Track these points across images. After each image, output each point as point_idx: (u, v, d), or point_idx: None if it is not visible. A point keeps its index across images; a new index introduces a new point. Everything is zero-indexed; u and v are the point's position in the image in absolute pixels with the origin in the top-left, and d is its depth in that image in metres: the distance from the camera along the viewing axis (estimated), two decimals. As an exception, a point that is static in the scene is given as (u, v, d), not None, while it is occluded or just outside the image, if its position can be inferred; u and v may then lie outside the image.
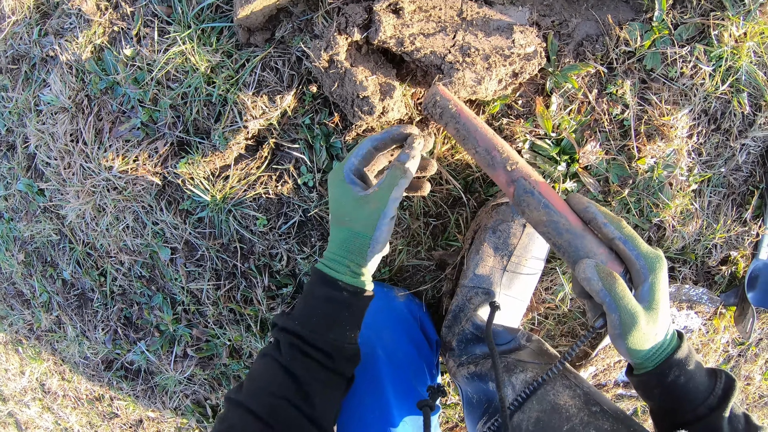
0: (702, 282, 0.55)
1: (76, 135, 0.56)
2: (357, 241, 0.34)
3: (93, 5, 0.54)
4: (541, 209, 0.30)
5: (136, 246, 0.56)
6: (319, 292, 0.33)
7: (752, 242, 0.53)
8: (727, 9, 0.43)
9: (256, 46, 0.45)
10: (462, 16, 0.40)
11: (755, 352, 0.65)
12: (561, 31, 0.44)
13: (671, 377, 0.30)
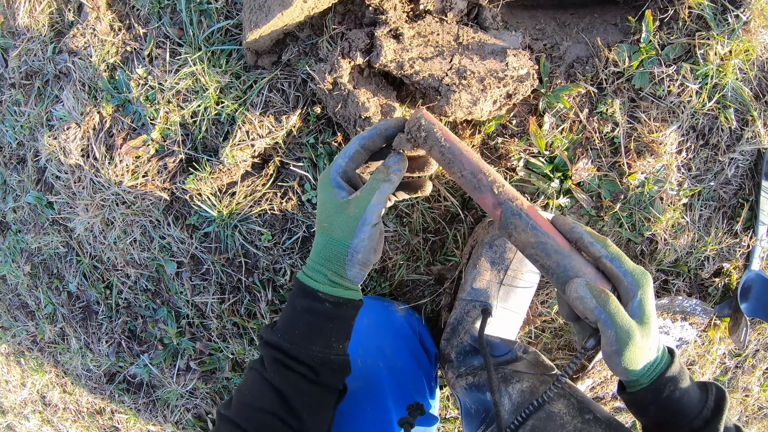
0: (696, 294, 0.56)
1: (87, 150, 0.58)
2: (334, 248, 0.32)
3: (107, 26, 0.57)
4: (529, 231, 0.30)
5: (142, 259, 0.57)
6: (299, 304, 0.32)
7: (744, 254, 0.55)
8: (711, 29, 0.45)
9: (263, 68, 0.47)
10: (458, 41, 0.43)
11: (752, 364, 0.66)
12: (553, 54, 0.46)
13: (666, 392, 0.30)
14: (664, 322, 0.54)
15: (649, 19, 0.45)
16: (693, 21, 0.45)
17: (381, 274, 0.51)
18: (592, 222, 0.50)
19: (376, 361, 0.41)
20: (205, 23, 0.49)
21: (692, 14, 0.45)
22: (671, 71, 0.46)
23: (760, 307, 0.55)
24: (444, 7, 0.42)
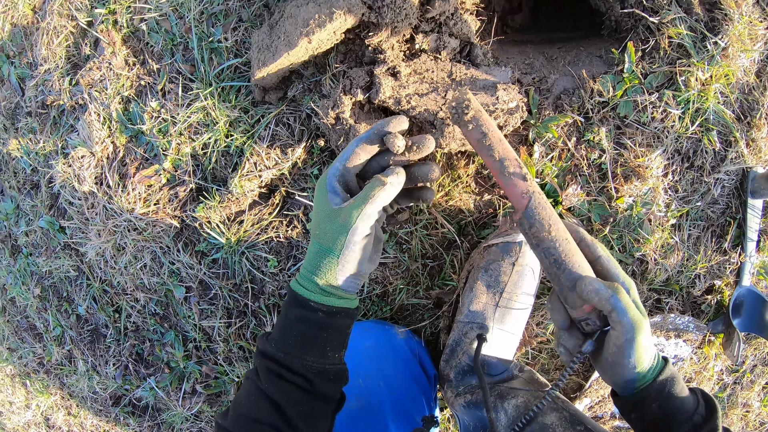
0: (689, 311, 0.58)
1: (100, 177, 0.61)
2: (325, 258, 0.31)
3: (122, 60, 0.61)
4: (551, 224, 0.31)
5: (152, 284, 0.59)
6: (292, 313, 0.31)
7: (734, 270, 0.57)
8: (692, 56, 0.48)
9: (270, 103, 0.50)
10: (452, 77, 0.46)
11: (751, 379, 0.66)
12: (541, 87, 0.49)
13: (668, 388, 0.30)
14: (658, 339, 0.55)
15: (631, 50, 0.49)
16: (674, 50, 0.49)
17: (382, 298, 0.53)
18: None
19: (376, 381, 0.42)
20: (215, 60, 0.52)
21: (672, 43, 0.48)
22: (654, 98, 0.49)
23: (752, 322, 0.57)
24: (438, 46, 0.46)
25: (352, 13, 0.41)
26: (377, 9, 0.41)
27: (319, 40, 0.43)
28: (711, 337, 0.60)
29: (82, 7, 0.62)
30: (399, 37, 0.45)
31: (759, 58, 0.52)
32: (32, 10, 0.72)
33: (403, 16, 0.42)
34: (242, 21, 0.51)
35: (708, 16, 0.49)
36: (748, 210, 0.54)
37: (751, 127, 0.53)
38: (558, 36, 0.58)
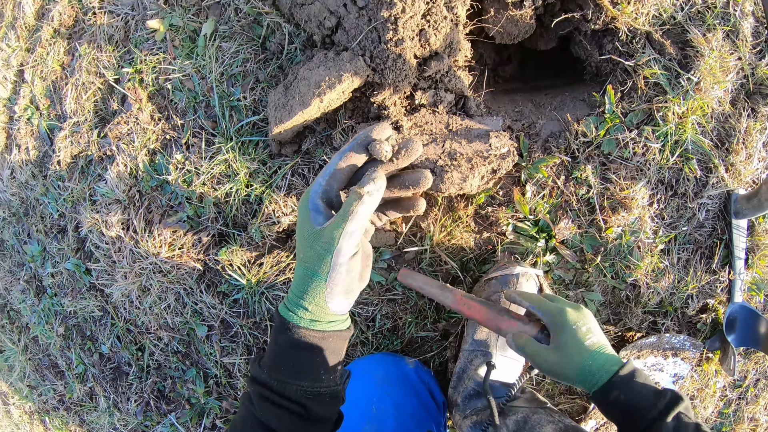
0: (685, 331, 0.61)
1: (127, 223, 0.65)
2: (312, 281, 0.30)
3: (148, 116, 0.67)
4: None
5: (175, 323, 0.62)
6: (282, 340, 0.30)
7: (725, 288, 0.60)
8: (668, 93, 0.54)
9: (286, 156, 0.56)
10: (449, 128, 0.51)
11: (755, 393, 0.68)
12: (530, 132, 0.55)
13: (631, 379, 0.34)
14: (656, 359, 0.58)
15: (610, 92, 0.54)
16: (650, 88, 0.54)
17: (392, 332, 0.57)
18: (578, 274, 0.56)
19: (387, 408, 0.45)
20: (235, 117, 0.58)
21: (649, 82, 0.54)
22: (634, 135, 0.54)
23: (747, 336, 0.60)
24: (435, 100, 0.52)
25: (359, 75, 0.47)
26: (380, 71, 0.47)
27: (330, 99, 0.49)
28: (709, 354, 0.63)
29: (110, 65, 0.69)
30: (400, 95, 0.51)
31: (732, 87, 0.57)
32: (61, 66, 0.79)
33: (403, 76, 0.48)
34: (259, 81, 0.58)
35: (681, 54, 0.55)
36: (734, 230, 0.58)
37: (729, 153, 0.58)
38: (545, 83, 0.65)
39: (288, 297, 0.32)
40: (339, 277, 0.30)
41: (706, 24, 0.56)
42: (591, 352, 0.36)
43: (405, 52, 0.46)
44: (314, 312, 0.30)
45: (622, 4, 0.52)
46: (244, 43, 0.58)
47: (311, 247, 0.30)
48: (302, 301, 0.30)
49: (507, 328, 0.41)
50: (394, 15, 0.44)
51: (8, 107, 0.88)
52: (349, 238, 0.29)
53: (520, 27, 0.55)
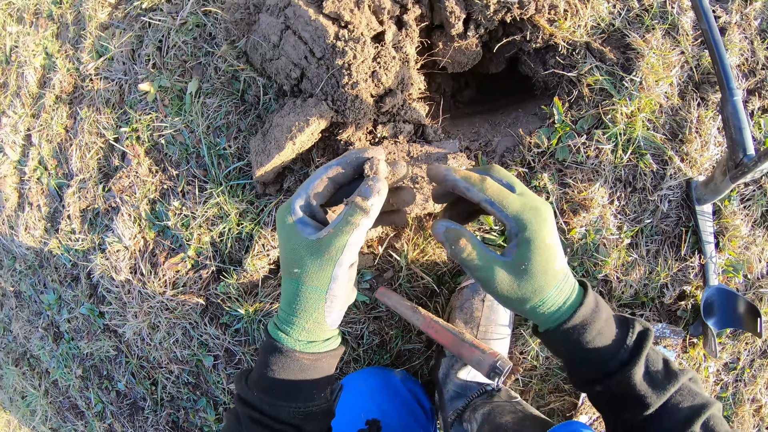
0: (666, 320, 0.66)
1: (135, 267, 0.76)
2: (311, 297, 0.30)
3: (146, 169, 0.78)
4: None
5: (184, 356, 0.72)
6: (274, 362, 0.31)
7: (699, 274, 0.66)
8: (614, 96, 0.62)
9: (270, 195, 0.66)
10: (410, 155, 0.60)
11: (752, 374, 0.72)
12: (487, 149, 0.64)
13: (575, 336, 0.30)
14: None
15: (557, 104, 0.63)
16: (596, 94, 0.62)
17: (381, 347, 0.64)
18: None
19: (377, 418, 0.51)
20: (223, 164, 0.69)
21: (594, 89, 0.62)
22: (584, 139, 0.62)
23: (727, 318, 0.64)
24: (395, 132, 0.61)
25: (324, 118, 0.57)
26: (342, 111, 0.57)
27: (301, 141, 0.58)
28: (693, 340, 0.68)
29: (109, 126, 0.81)
30: (363, 130, 0.60)
31: (679, 81, 0.65)
32: (65, 129, 0.92)
33: (362, 114, 0.57)
34: (241, 131, 0.68)
35: (623, 58, 0.63)
36: (699, 216, 0.65)
37: (683, 143, 0.64)
38: (501, 103, 0.74)
39: (278, 316, 0.32)
40: (340, 288, 0.30)
41: (645, 25, 0.64)
42: (558, 281, 0.30)
43: (361, 92, 0.56)
44: (311, 330, 0.31)
45: (559, 21, 0.60)
46: (225, 97, 0.69)
47: (310, 261, 0.30)
48: (297, 319, 0.31)
49: (468, 356, 0.46)
50: (347, 62, 0.54)
51: (19, 169, 1.02)
52: (352, 248, 0.30)
53: (468, 55, 0.64)
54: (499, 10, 0.58)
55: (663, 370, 0.32)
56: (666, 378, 0.31)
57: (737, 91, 0.54)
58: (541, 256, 0.30)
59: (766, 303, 0.68)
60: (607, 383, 0.31)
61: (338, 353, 0.34)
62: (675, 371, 0.32)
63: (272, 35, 0.59)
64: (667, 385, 0.31)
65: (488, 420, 0.45)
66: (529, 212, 0.30)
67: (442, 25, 0.62)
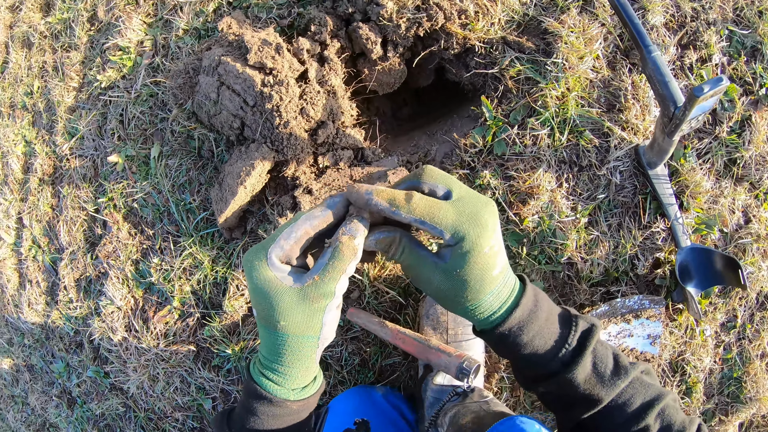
0: (646, 291, 0.71)
1: (129, 325, 0.88)
2: (303, 346, 0.30)
3: (126, 233, 0.91)
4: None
5: (185, 403, 0.82)
6: (263, 411, 0.32)
7: (666, 238, 0.70)
8: (540, 82, 0.68)
9: (237, 238, 0.76)
10: (353, 179, 0.69)
11: (754, 329, 0.75)
12: (427, 159, 0.72)
13: (511, 338, 0.31)
14: (619, 327, 0.68)
15: (485, 102, 0.70)
16: (523, 84, 0.69)
17: (363, 366, 0.72)
18: (514, 268, 0.69)
19: (364, 418, 0.56)
20: (191, 217, 0.80)
21: (519, 80, 0.69)
22: (517, 130, 0.68)
23: (708, 277, 0.67)
24: (336, 160, 0.70)
25: (266, 159, 0.67)
26: (282, 150, 0.67)
27: (252, 184, 0.69)
28: (679, 306, 0.71)
29: (88, 199, 0.95)
30: (305, 164, 0.70)
31: (605, 52, 0.71)
32: (51, 208, 1.07)
33: (299, 149, 0.67)
34: (202, 184, 0.80)
35: (543, 43, 0.70)
36: (654, 180, 0.69)
37: (622, 111, 0.70)
38: (439, 113, 0.82)
39: (261, 362, 0.33)
40: (330, 332, 0.32)
41: (559, 7, 0.71)
42: (495, 286, 0.31)
43: (294, 129, 0.65)
44: (304, 376, 0.32)
45: (471, 23, 0.69)
46: (184, 156, 0.81)
47: (299, 310, 0.30)
48: (288, 369, 0.31)
49: (435, 361, 0.52)
50: (275, 105, 0.64)
51: (15, 250, 1.18)
52: (341, 290, 0.30)
53: (393, 75, 0.73)
54: (410, 26, 0.68)
55: (612, 366, 0.33)
56: (615, 374, 0.32)
57: (653, 47, 0.57)
58: (478, 265, 0.30)
59: (750, 254, 0.72)
60: (549, 384, 0.33)
61: (323, 388, 0.36)
62: (625, 366, 0.33)
63: (211, 93, 0.70)
64: (617, 381, 0.32)
65: (452, 422, 0.49)
66: (466, 222, 0.29)
67: (364, 52, 0.71)
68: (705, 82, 0.50)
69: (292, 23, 0.74)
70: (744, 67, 0.72)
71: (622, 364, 0.34)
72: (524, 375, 0.35)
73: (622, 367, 0.33)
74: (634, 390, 0.33)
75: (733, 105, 0.71)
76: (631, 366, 0.34)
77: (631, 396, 0.33)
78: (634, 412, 0.33)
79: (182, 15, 0.82)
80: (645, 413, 0.33)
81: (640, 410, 0.33)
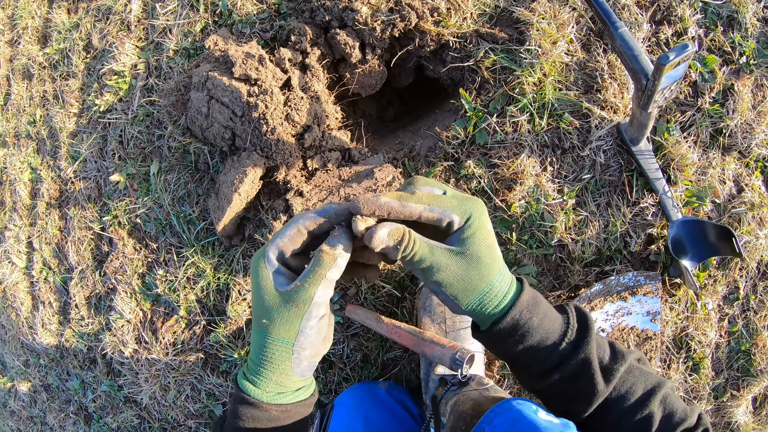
0: (641, 268, 0.75)
1: (139, 338, 0.96)
2: (277, 349, 0.32)
3: (131, 248, 1.00)
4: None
5: (196, 410, 0.89)
6: (244, 413, 0.33)
7: (656, 213, 0.74)
8: (516, 70, 0.74)
9: (236, 245, 0.84)
10: (341, 179, 0.76)
11: (758, 299, 0.78)
12: (412, 155, 0.78)
13: (523, 322, 0.33)
14: (615, 305, 0.72)
15: (464, 94, 0.76)
16: (499, 73, 0.75)
17: (365, 362, 0.78)
18: (504, 256, 0.74)
19: (358, 428, 0.59)
20: (192, 228, 0.89)
21: (495, 70, 0.75)
22: (496, 119, 0.74)
23: (702, 249, 0.69)
24: (324, 162, 0.77)
25: (258, 165, 0.74)
26: (271, 156, 0.74)
27: (246, 191, 0.76)
28: (676, 281, 0.75)
29: (94, 218, 1.05)
30: (295, 168, 0.77)
31: (578, 36, 0.76)
32: (59, 230, 1.18)
33: (288, 154, 0.74)
34: (200, 195, 0.88)
35: (516, 32, 0.76)
36: (639, 156, 0.74)
37: (600, 91, 0.75)
38: (423, 110, 0.89)
39: (248, 367, 0.35)
40: (307, 341, 0.33)
41: None
42: (501, 266, 0.34)
43: (281, 135, 0.73)
44: (279, 381, 0.34)
45: (444, 20, 0.76)
46: (182, 170, 0.89)
47: (277, 313, 0.33)
48: (264, 370, 0.33)
49: (430, 353, 0.57)
50: (261, 113, 0.71)
51: (27, 274, 1.29)
52: (321, 301, 0.33)
53: (374, 77, 0.81)
54: (385, 28, 0.75)
55: (610, 352, 0.35)
56: (613, 359, 0.35)
57: (620, 23, 0.61)
58: (487, 241, 0.33)
59: (746, 222, 0.75)
60: (560, 371, 0.34)
61: (310, 402, 0.37)
62: (622, 351, 0.36)
63: (202, 107, 0.79)
64: (616, 366, 0.35)
65: (453, 410, 0.53)
66: (468, 205, 0.33)
67: (344, 57, 0.79)
68: (670, 49, 0.53)
69: (275, 35, 0.83)
70: (722, 38, 0.77)
71: (619, 350, 0.36)
72: (530, 371, 0.36)
73: (619, 353, 0.36)
74: (634, 378, 0.35)
75: (714, 76, 0.76)
76: (627, 352, 0.36)
77: (632, 385, 0.35)
78: (637, 401, 0.35)
79: (171, 36, 0.91)
80: (648, 400, 0.35)
81: (642, 398, 0.35)
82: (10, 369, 1.32)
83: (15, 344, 1.30)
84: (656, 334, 0.74)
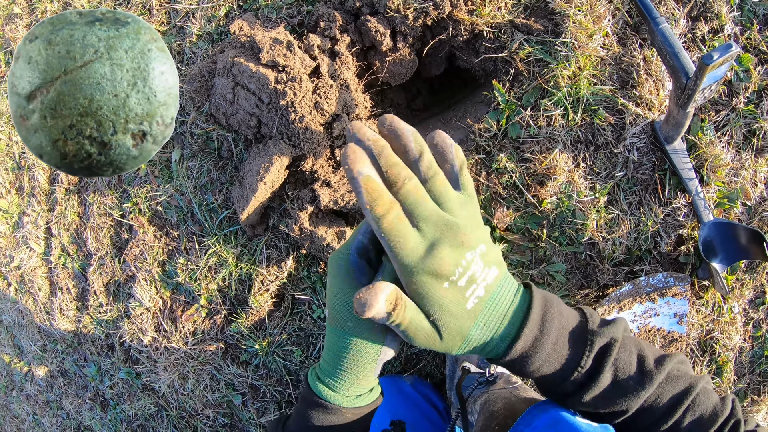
0: (670, 269, 0.69)
1: (158, 326, 0.89)
2: (366, 351, 0.30)
3: (152, 236, 0.92)
4: None
5: (215, 399, 0.82)
6: (315, 418, 0.31)
7: (688, 214, 0.67)
8: (550, 63, 0.67)
9: (259, 235, 0.76)
10: (375, 168, 0.69)
11: None
12: None
13: (519, 367, 0.29)
14: (644, 306, 0.66)
15: (497, 86, 0.69)
16: (533, 66, 0.68)
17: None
18: (534, 253, 0.68)
19: (386, 425, 0.55)
20: (214, 217, 0.81)
21: (530, 62, 0.68)
22: (530, 112, 0.67)
23: (732, 251, 0.64)
24: (357, 151, 0.70)
25: (284, 154, 0.67)
26: (298, 145, 0.67)
27: (271, 180, 0.69)
28: (705, 283, 0.69)
29: (114, 205, 0.97)
30: (322, 158, 0.70)
31: (614, 29, 0.69)
32: (78, 216, 1.10)
33: (316, 143, 0.67)
34: (223, 184, 0.80)
35: (551, 24, 0.69)
36: (672, 155, 0.67)
37: (635, 88, 0.68)
38: (454, 101, 0.81)
39: (321, 367, 0.32)
40: (394, 340, 0.31)
41: None
42: (476, 319, 0.28)
43: (309, 124, 0.65)
44: (360, 384, 0.31)
45: (478, 9, 0.68)
46: (205, 157, 0.81)
47: None
48: (345, 374, 0.31)
49: None
50: (289, 101, 0.64)
51: (45, 259, 1.21)
52: None
53: (405, 65, 0.73)
54: (417, 16, 0.67)
55: (636, 374, 0.30)
56: (639, 382, 0.30)
57: (661, 19, 0.56)
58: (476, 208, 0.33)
59: (776, 226, 0.69)
60: (565, 404, 0.32)
61: (379, 401, 0.35)
62: (650, 370, 0.31)
63: (227, 94, 0.71)
64: (640, 391, 0.30)
65: (483, 409, 0.49)
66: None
67: (374, 45, 0.71)
68: (714, 49, 0.48)
69: (302, 21, 0.75)
70: (758, 36, 0.70)
71: (647, 369, 0.31)
72: (548, 394, 0.34)
73: (647, 373, 0.31)
74: (661, 390, 0.31)
75: (749, 75, 0.69)
76: (657, 368, 0.31)
77: (658, 396, 0.31)
78: (663, 410, 0.31)
79: (195, 21, 0.83)
80: (674, 410, 0.31)
81: (668, 408, 0.31)
82: (27, 353, 1.24)
83: (32, 329, 1.22)
84: (682, 336, 0.68)
